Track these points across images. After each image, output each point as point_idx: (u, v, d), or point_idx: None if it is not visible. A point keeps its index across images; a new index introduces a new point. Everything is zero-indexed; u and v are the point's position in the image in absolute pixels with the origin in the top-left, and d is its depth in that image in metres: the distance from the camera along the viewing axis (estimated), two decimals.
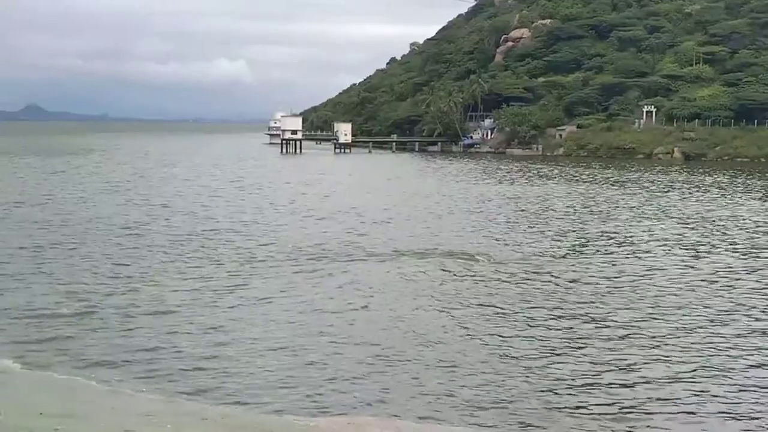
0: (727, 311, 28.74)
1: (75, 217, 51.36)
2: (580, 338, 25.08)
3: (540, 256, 39.83)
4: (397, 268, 35.82)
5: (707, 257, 40.18)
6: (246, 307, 28.29)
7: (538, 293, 31.28)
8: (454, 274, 34.67)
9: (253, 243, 42.25)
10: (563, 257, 39.65)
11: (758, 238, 46.93)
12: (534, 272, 35.33)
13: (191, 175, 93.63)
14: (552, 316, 27.71)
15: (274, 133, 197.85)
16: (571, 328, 26.30)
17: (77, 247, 39.96)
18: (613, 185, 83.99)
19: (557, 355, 23.36)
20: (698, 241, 45.31)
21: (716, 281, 34.06)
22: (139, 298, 29.25)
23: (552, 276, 34.62)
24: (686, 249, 42.66)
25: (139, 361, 21.94)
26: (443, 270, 35.49)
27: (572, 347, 24.11)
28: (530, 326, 26.48)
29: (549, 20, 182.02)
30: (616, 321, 27.18)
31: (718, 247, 43.28)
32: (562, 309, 28.75)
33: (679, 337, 25.23)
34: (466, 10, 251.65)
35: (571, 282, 33.45)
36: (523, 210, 60.50)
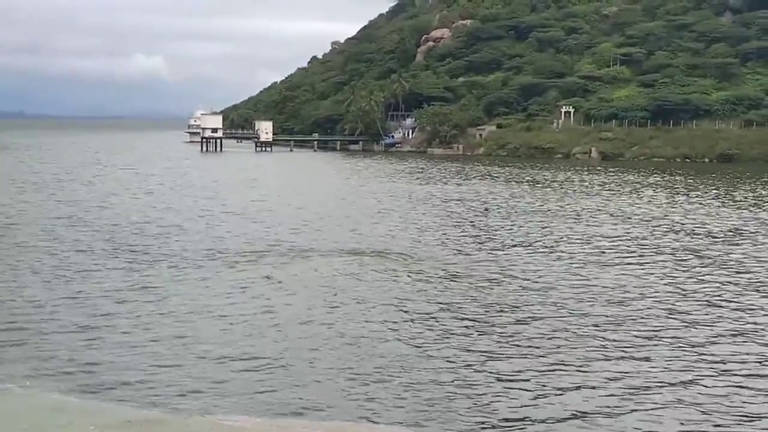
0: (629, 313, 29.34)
1: None
2: (509, 337, 25.34)
3: (461, 254, 40.15)
4: (317, 268, 35.77)
5: (614, 256, 40.97)
6: (169, 311, 27.94)
7: (458, 291, 31.58)
8: (378, 274, 34.71)
9: (179, 244, 41.66)
10: (483, 255, 39.96)
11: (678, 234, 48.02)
12: (455, 270, 35.62)
13: (110, 173, 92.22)
14: (475, 315, 27.99)
15: (194, 131, 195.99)
16: (498, 326, 26.60)
17: None
18: (530, 185, 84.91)
19: (485, 355, 23.57)
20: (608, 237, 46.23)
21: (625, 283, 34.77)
22: (58, 301, 28.76)
23: (472, 274, 34.92)
24: (600, 244, 43.43)
25: (59, 366, 21.54)
26: (366, 269, 35.51)
27: (500, 347, 24.37)
28: (452, 323, 26.70)
29: (469, 20, 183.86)
30: (543, 318, 27.57)
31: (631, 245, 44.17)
32: (485, 307, 29.08)
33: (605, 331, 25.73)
34: (387, 10, 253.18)
35: (489, 279, 33.81)
36: (444, 209, 60.86)
